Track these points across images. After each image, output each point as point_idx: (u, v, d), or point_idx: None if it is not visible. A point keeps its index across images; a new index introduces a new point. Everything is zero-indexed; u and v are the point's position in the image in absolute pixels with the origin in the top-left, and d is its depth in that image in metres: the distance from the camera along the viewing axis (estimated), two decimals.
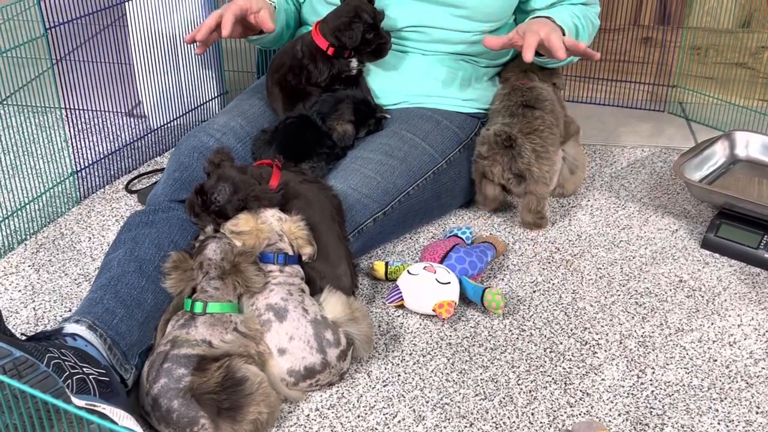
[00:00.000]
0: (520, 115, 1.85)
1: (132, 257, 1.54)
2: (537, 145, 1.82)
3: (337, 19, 1.84)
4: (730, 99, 2.46)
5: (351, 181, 1.76)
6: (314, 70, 1.87)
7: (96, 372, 1.30)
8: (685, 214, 2.01)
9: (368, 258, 1.82)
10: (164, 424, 1.31)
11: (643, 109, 2.58)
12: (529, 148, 1.81)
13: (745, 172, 2.04)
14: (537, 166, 1.81)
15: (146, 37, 2.16)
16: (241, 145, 1.83)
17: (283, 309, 1.45)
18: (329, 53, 1.86)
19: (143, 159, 2.23)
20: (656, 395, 1.46)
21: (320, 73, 1.87)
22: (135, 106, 2.42)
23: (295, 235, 1.54)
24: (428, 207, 1.89)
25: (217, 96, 2.38)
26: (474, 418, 1.41)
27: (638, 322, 1.64)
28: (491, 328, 1.62)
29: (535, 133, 1.83)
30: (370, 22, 1.83)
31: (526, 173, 1.82)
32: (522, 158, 1.81)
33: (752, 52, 2.51)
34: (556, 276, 1.78)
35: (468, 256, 1.71)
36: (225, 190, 1.52)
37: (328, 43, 1.85)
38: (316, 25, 1.88)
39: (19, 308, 1.66)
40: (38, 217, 1.94)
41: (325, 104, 1.85)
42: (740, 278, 1.78)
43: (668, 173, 2.17)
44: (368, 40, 1.85)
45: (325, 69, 1.87)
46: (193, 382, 1.31)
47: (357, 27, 1.82)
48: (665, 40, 2.56)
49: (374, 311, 1.67)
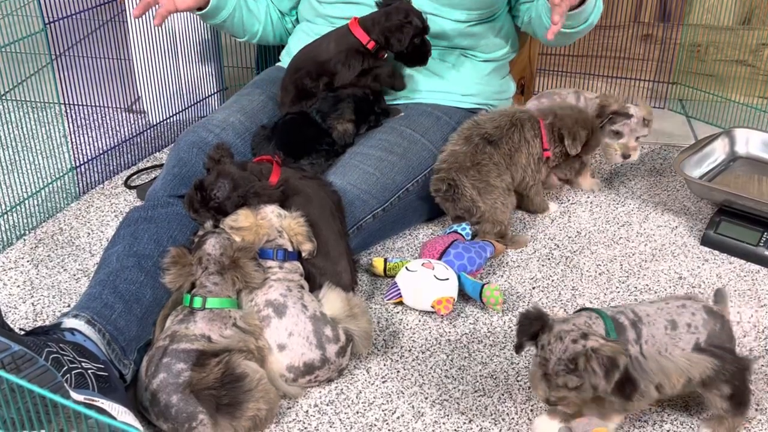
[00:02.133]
0: (473, 144, 1.81)
1: (131, 252, 1.54)
2: (476, 180, 1.79)
3: (386, 19, 1.82)
4: (730, 96, 2.46)
5: (350, 178, 1.75)
6: (342, 69, 1.85)
7: (94, 367, 1.30)
8: (685, 211, 2.01)
9: (367, 254, 1.82)
10: (163, 419, 1.31)
11: None
12: (469, 186, 1.79)
13: (745, 169, 2.04)
14: (482, 201, 1.80)
15: (146, 32, 2.15)
16: (240, 140, 1.83)
17: (282, 305, 1.44)
18: (369, 47, 1.85)
19: (142, 155, 2.23)
20: None
21: (351, 68, 1.85)
22: (134, 102, 2.42)
23: (294, 232, 1.54)
24: (427, 203, 1.89)
25: (216, 92, 2.38)
26: (473, 414, 1.41)
27: None
28: (490, 325, 1.62)
29: (474, 168, 1.79)
30: (420, 27, 1.82)
31: (473, 209, 1.81)
32: (465, 197, 1.80)
33: (752, 49, 2.50)
34: (556, 272, 1.78)
35: (467, 252, 1.71)
36: (225, 187, 1.52)
37: (371, 39, 1.84)
38: (355, 20, 1.86)
39: (18, 303, 1.66)
40: (37, 213, 1.94)
41: (325, 102, 1.84)
42: (740, 275, 1.77)
43: (668, 170, 2.16)
44: (415, 46, 1.84)
45: (357, 64, 1.86)
46: (193, 378, 1.30)
47: (407, 31, 1.81)
48: (665, 38, 2.55)
49: (373, 307, 1.66)
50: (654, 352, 1.29)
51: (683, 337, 1.30)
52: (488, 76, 2.01)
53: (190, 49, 2.27)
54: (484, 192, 1.80)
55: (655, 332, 1.30)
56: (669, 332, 1.30)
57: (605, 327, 1.27)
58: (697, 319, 1.32)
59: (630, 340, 1.28)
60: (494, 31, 1.99)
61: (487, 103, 2.02)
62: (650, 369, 1.27)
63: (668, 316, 1.31)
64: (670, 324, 1.31)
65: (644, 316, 1.31)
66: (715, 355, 1.30)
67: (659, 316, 1.31)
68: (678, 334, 1.30)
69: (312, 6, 2.01)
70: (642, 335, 1.29)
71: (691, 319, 1.32)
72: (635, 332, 1.29)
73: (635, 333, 1.29)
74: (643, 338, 1.29)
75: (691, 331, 1.31)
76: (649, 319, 1.31)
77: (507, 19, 2.03)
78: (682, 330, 1.31)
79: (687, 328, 1.31)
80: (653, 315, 1.32)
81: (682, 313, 1.32)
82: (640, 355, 1.28)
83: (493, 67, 2.02)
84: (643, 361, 1.27)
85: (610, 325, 1.28)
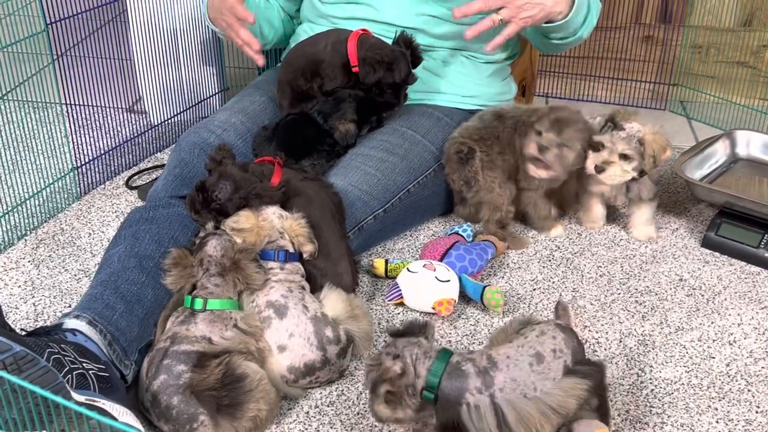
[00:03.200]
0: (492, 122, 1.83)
1: (132, 253, 1.54)
2: (484, 154, 1.80)
3: (376, 49, 1.81)
4: (731, 98, 2.46)
5: (351, 179, 1.75)
6: (329, 75, 1.85)
7: (96, 367, 1.30)
8: (686, 213, 2.01)
9: (368, 255, 1.82)
10: (164, 421, 1.31)
11: (645, 107, 2.58)
12: (478, 157, 1.80)
13: (746, 171, 2.04)
14: (482, 175, 1.80)
15: (147, 32, 2.16)
16: (241, 141, 1.83)
17: (283, 306, 1.44)
18: (354, 70, 1.83)
19: (144, 155, 2.23)
20: (656, 394, 1.46)
21: (334, 78, 1.85)
22: (135, 102, 2.42)
23: (295, 233, 1.54)
24: (429, 204, 1.89)
25: (217, 92, 2.38)
26: None
27: (638, 320, 1.64)
28: (491, 326, 1.62)
29: (486, 141, 1.80)
30: (395, 81, 1.81)
31: (472, 181, 1.81)
32: (472, 166, 1.80)
33: (753, 50, 2.51)
34: (557, 274, 1.78)
35: (468, 254, 1.71)
36: (226, 188, 1.52)
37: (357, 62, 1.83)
38: (357, 34, 1.84)
39: (19, 304, 1.66)
40: (38, 213, 1.94)
41: (326, 103, 1.84)
42: (740, 277, 1.77)
43: (669, 172, 2.16)
44: (381, 91, 1.83)
45: (342, 77, 1.84)
46: (193, 379, 1.31)
47: (378, 72, 1.79)
48: (667, 39, 2.56)
49: (374, 308, 1.67)
50: (516, 397, 1.21)
51: (552, 365, 1.23)
52: (489, 77, 2.02)
53: (191, 50, 2.27)
54: (487, 167, 1.80)
55: (517, 375, 1.22)
56: (535, 367, 1.23)
57: (431, 368, 1.21)
58: (559, 341, 1.26)
59: (470, 389, 1.21)
60: (495, 33, 1.99)
61: (489, 105, 2.02)
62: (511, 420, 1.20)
63: (531, 351, 1.24)
64: (536, 358, 1.23)
65: (502, 361, 1.23)
66: (583, 373, 1.24)
67: (522, 354, 1.24)
68: (546, 365, 1.23)
69: (314, 6, 2.01)
70: (494, 383, 1.21)
71: (554, 343, 1.25)
72: (482, 380, 1.21)
73: (482, 381, 1.21)
74: (496, 386, 1.21)
75: (558, 356, 1.24)
76: (509, 362, 1.23)
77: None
78: (549, 359, 1.24)
79: (554, 355, 1.24)
80: (515, 356, 1.24)
81: (543, 341, 1.25)
82: (490, 405, 1.20)
83: (494, 69, 2.02)
84: (485, 412, 1.20)
85: (437, 369, 1.21)
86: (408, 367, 1.22)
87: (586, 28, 1.87)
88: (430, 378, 1.21)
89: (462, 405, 1.20)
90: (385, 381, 1.22)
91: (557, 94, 2.66)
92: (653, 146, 1.72)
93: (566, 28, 1.83)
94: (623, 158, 1.73)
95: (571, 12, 1.78)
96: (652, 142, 1.72)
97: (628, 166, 1.74)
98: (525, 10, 1.73)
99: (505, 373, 1.22)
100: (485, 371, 1.22)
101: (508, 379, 1.22)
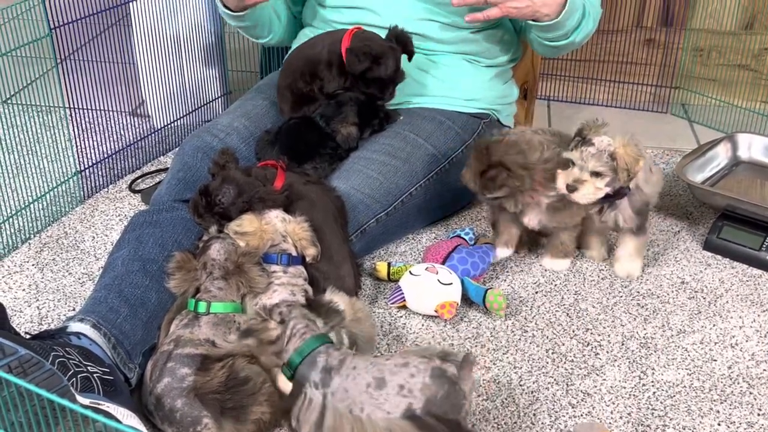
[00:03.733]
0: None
1: (136, 257, 1.55)
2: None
3: (365, 41, 1.81)
4: (732, 101, 2.47)
5: (354, 182, 1.76)
6: (327, 76, 1.85)
7: (100, 371, 1.31)
8: (688, 216, 2.01)
9: (371, 258, 1.83)
10: (167, 423, 1.32)
11: (646, 110, 2.58)
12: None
13: (748, 174, 2.04)
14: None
15: (150, 36, 2.16)
16: (244, 145, 1.83)
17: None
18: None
19: (147, 158, 2.23)
20: (658, 396, 1.46)
21: (331, 79, 1.85)
22: (138, 106, 2.43)
23: (298, 236, 1.54)
24: (431, 208, 1.90)
25: (220, 96, 2.39)
26: (476, 419, 1.41)
27: (640, 323, 1.65)
28: (493, 329, 1.62)
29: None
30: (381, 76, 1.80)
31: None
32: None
33: (755, 54, 2.51)
34: (559, 277, 1.78)
35: (470, 257, 1.72)
36: (229, 192, 1.53)
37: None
38: (352, 31, 1.85)
39: (23, 307, 1.67)
40: (42, 217, 1.95)
41: (328, 107, 1.85)
42: (742, 280, 1.78)
43: (671, 175, 2.17)
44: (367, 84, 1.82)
45: (339, 78, 1.85)
46: (197, 382, 1.31)
47: (363, 62, 1.78)
48: (668, 42, 2.56)
49: (377, 312, 1.67)
50: (342, 408, 1.20)
51: (391, 399, 1.19)
52: (491, 81, 2.02)
53: (194, 53, 2.28)
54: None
55: (350, 386, 1.21)
56: (371, 390, 1.20)
57: (300, 349, 1.26)
58: (416, 381, 1.19)
59: (310, 381, 1.24)
60: (497, 38, 2.00)
61: (491, 108, 2.02)
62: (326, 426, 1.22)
63: (378, 374, 1.21)
64: (376, 382, 1.20)
65: (347, 368, 1.23)
66: (427, 426, 1.17)
67: (367, 372, 1.22)
68: (383, 394, 1.19)
69: (315, 11, 2.01)
70: (330, 385, 1.22)
71: (407, 380, 1.20)
72: (321, 378, 1.23)
73: (320, 379, 1.23)
74: (330, 388, 1.22)
75: (404, 393, 1.19)
76: (351, 373, 1.22)
77: (509, 26, 2.04)
78: (391, 391, 1.19)
79: (398, 390, 1.19)
80: (360, 368, 1.23)
81: (398, 372, 1.21)
82: (320, 404, 1.22)
83: (495, 72, 2.03)
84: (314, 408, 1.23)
85: (305, 348, 1.25)
86: (283, 337, 1.30)
87: (579, 34, 1.87)
88: (292, 356, 1.27)
89: (301, 393, 1.25)
90: (255, 331, 1.31)
91: (559, 98, 2.66)
92: (625, 159, 1.60)
93: (554, 30, 1.83)
94: (595, 175, 1.62)
95: (559, 17, 1.79)
96: (623, 155, 1.60)
97: (601, 182, 1.62)
98: (514, 1, 1.74)
99: (342, 381, 1.23)
100: (329, 370, 1.25)
101: (341, 388, 1.23)
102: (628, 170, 1.61)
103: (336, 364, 1.25)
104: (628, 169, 1.61)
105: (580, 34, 1.87)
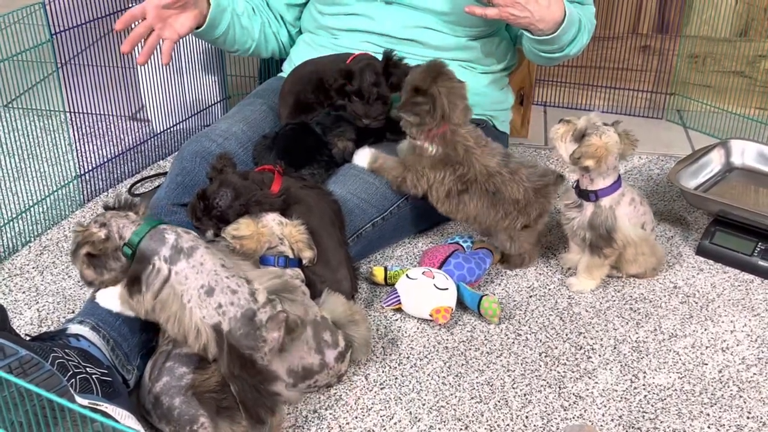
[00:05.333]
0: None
1: None
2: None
3: (355, 63, 1.82)
4: (727, 107, 2.48)
5: (350, 186, 1.78)
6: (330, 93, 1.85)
7: (99, 372, 1.32)
8: (681, 221, 2.03)
9: (368, 262, 1.84)
10: (165, 422, 1.33)
11: (642, 116, 2.60)
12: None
13: (741, 180, 2.06)
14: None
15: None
16: (242, 150, 1.85)
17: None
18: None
19: (146, 163, 2.25)
20: (649, 399, 1.48)
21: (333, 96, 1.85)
22: (138, 110, 2.45)
23: (295, 239, 1.56)
24: (426, 213, 1.91)
25: (219, 101, 2.41)
26: (469, 421, 1.43)
27: (632, 327, 1.66)
28: (487, 333, 1.64)
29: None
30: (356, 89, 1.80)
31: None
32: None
33: (749, 60, 2.53)
34: (552, 281, 1.80)
35: (467, 263, 1.73)
36: (227, 196, 1.54)
37: None
38: (355, 55, 1.86)
39: (24, 309, 1.69)
40: (42, 220, 1.97)
41: (327, 117, 1.85)
42: (734, 285, 1.80)
43: (664, 180, 2.18)
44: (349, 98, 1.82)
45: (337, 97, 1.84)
46: (194, 380, 1.33)
47: (338, 80, 1.80)
48: (663, 49, 2.58)
49: (373, 315, 1.69)
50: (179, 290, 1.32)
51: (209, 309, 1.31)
52: (487, 87, 2.04)
53: (193, 59, 2.29)
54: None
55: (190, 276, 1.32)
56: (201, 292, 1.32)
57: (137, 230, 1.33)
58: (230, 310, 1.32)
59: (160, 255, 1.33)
60: (493, 46, 2.02)
61: (486, 114, 2.04)
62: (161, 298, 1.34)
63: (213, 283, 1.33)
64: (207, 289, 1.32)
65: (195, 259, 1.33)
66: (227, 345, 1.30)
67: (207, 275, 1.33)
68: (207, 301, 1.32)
69: (313, 17, 2.03)
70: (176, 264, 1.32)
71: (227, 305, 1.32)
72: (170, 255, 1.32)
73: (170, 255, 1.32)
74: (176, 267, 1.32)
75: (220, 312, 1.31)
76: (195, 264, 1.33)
77: (505, 35, 2.06)
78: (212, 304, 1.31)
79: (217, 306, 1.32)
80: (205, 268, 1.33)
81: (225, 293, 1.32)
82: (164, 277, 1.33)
83: (491, 79, 2.05)
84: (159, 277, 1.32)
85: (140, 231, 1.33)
86: (113, 233, 1.33)
87: (574, 47, 1.89)
88: (132, 237, 1.33)
89: (151, 263, 1.32)
90: (86, 243, 1.32)
91: (555, 103, 2.68)
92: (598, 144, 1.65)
93: (550, 44, 1.85)
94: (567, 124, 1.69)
95: (555, 33, 1.81)
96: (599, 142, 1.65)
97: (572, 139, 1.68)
98: (515, 8, 1.76)
99: (187, 268, 1.32)
100: (179, 251, 1.33)
101: (184, 274, 1.32)
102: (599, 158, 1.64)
103: (186, 248, 1.34)
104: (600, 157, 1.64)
105: (575, 47, 1.90)
